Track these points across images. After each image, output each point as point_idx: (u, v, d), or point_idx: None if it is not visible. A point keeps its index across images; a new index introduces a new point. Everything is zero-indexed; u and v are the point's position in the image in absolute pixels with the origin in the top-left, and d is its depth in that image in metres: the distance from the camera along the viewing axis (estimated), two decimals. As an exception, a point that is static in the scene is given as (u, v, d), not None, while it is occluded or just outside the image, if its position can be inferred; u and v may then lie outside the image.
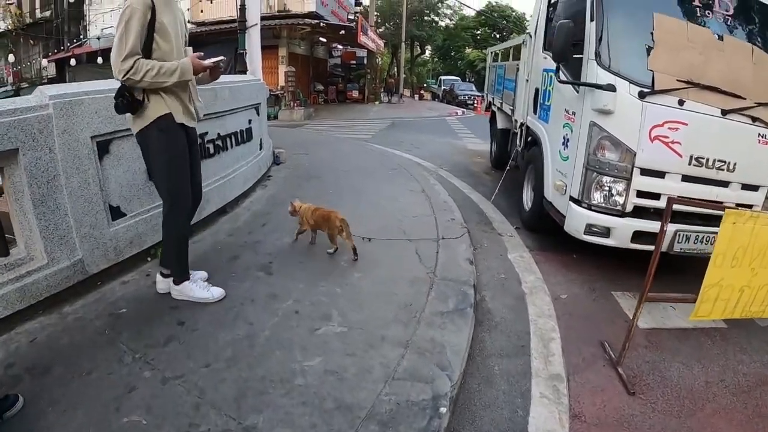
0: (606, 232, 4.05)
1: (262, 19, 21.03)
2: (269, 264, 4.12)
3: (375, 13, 34.65)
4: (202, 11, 23.70)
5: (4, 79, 31.64)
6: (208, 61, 3.17)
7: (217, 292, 3.40)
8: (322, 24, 22.49)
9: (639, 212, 4.00)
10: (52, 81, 27.68)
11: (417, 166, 8.96)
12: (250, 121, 6.47)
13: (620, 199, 3.98)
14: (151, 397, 2.45)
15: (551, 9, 5.44)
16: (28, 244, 3.18)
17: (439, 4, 44.08)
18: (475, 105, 28.55)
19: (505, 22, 44.57)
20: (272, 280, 3.84)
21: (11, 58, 25.35)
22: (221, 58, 3.32)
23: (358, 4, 35.82)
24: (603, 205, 4.04)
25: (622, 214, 3.99)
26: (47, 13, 29.41)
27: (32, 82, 28.83)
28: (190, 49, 3.37)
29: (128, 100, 2.93)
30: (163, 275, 3.48)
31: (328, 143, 11.69)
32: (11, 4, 29.03)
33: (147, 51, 2.88)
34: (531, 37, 6.09)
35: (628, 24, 4.09)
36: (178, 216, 3.26)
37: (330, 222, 4.24)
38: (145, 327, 3.08)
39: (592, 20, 4.08)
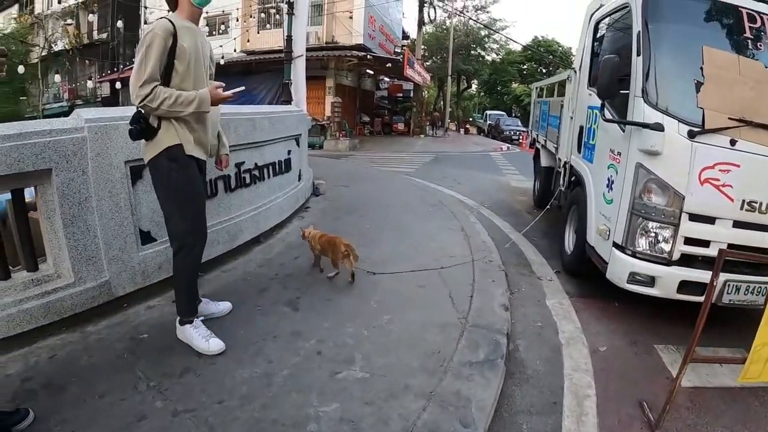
0: (650, 281, 3.78)
1: (310, 50, 21.62)
2: (297, 299, 4.02)
3: (422, 47, 34.94)
4: (248, 41, 24.31)
5: (60, 95, 33.22)
6: (229, 92, 3.13)
7: (215, 346, 3.16)
8: (368, 56, 22.82)
9: (686, 260, 3.71)
10: (105, 100, 29.03)
11: (458, 203, 8.77)
12: (289, 152, 6.47)
13: (667, 247, 3.71)
14: (160, 429, 2.40)
15: (596, 43, 5.26)
16: (56, 261, 3.28)
17: (486, 39, 44.12)
18: (521, 140, 28.32)
19: (551, 56, 44.37)
20: (298, 316, 3.73)
21: (57, 78, 26.42)
22: (241, 88, 3.27)
23: (405, 37, 36.36)
24: (648, 252, 3.77)
25: (668, 262, 3.72)
26: (104, 35, 30.79)
27: (86, 99, 30.52)
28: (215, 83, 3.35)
29: (142, 126, 2.91)
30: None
31: (370, 176, 11.63)
32: (70, 25, 30.42)
33: (167, 76, 2.88)
34: (576, 72, 5.90)
35: (677, 58, 3.88)
36: (188, 256, 3.15)
37: (335, 247, 4.36)
38: (164, 355, 3.08)
39: (638, 55, 3.87)
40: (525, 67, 49.37)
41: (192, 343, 3.17)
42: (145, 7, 27.23)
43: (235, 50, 22.32)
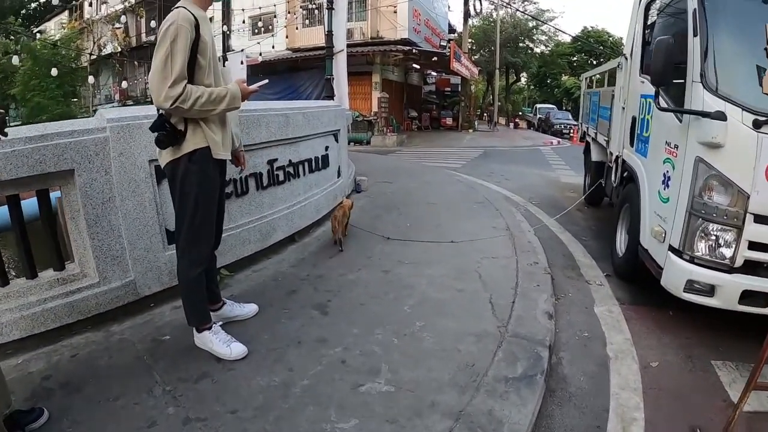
0: (710, 290, 3.39)
1: (355, 45, 21.69)
2: (327, 303, 3.84)
3: (469, 40, 34.39)
4: (287, 38, 24.37)
5: (111, 96, 34.45)
6: (255, 86, 2.94)
7: (237, 350, 3.00)
8: (414, 50, 22.64)
9: (750, 267, 3.31)
10: (154, 100, 30.02)
11: (504, 199, 8.43)
12: (327, 148, 6.30)
13: (728, 252, 3.31)
14: (169, 437, 2.28)
15: (648, 28, 4.84)
16: (81, 261, 3.30)
17: (534, 31, 43.12)
18: (571, 134, 27.54)
19: (601, 47, 43.08)
20: (326, 321, 3.55)
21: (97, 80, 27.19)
22: (265, 81, 3.07)
23: (451, 31, 35.90)
24: (708, 257, 3.39)
25: (730, 269, 3.32)
26: (152, 38, 31.55)
27: (137, 100, 31.48)
28: (227, 70, 3.17)
29: (169, 132, 2.69)
30: (210, 310, 3.29)
31: (415, 172, 11.36)
32: (119, 29, 31.28)
33: (190, 72, 2.63)
34: (626, 59, 5.47)
35: (738, 38, 3.47)
36: (192, 264, 2.94)
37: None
38: (182, 359, 3.00)
39: (695, 35, 3.47)
40: (575, 59, 48.11)
41: (212, 349, 3.02)
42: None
43: (273, 47, 22.35)
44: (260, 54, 19.86)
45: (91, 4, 32.63)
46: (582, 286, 4.70)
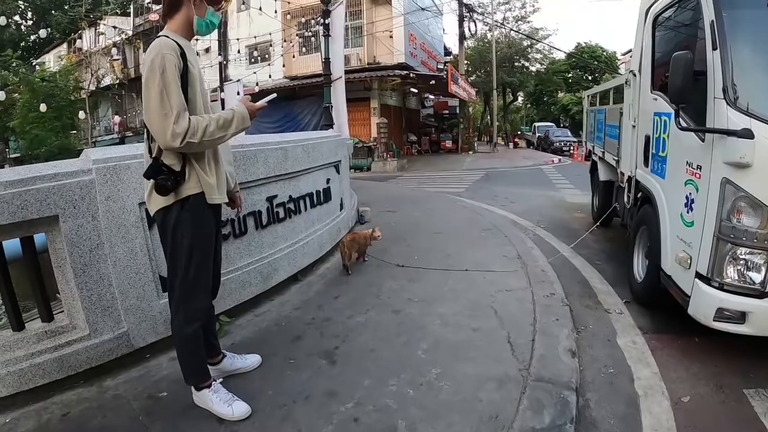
0: (741, 317, 3.17)
1: (353, 72, 21.67)
2: (335, 350, 3.60)
3: (465, 62, 34.48)
4: (284, 66, 24.40)
5: (111, 128, 34.74)
6: (261, 102, 2.70)
7: (239, 410, 2.75)
8: (411, 74, 22.63)
9: None
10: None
11: (512, 225, 8.19)
12: (328, 181, 6.11)
13: (759, 276, 3.09)
14: None
15: (657, 42, 4.60)
16: (70, 312, 3.11)
17: (529, 49, 43.31)
18: (572, 151, 27.42)
19: (596, 62, 43.26)
20: (334, 371, 3.30)
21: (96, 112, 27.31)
22: (273, 95, 2.86)
23: (447, 53, 36.05)
24: (738, 283, 3.16)
25: (761, 294, 3.10)
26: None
27: (136, 131, 31.82)
28: (216, 104, 2.97)
29: (168, 175, 2.45)
30: (210, 364, 3.07)
31: (418, 199, 11.13)
32: (116, 60, 31.43)
33: None
34: (635, 75, 5.25)
35: (760, 49, 3.28)
36: (188, 320, 2.68)
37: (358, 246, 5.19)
38: (180, 419, 2.77)
39: (714, 48, 3.25)
40: (570, 75, 48.32)
41: (213, 408, 2.78)
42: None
43: (269, 76, 22.39)
44: (257, 84, 19.87)
45: (80, 37, 32.70)
46: (602, 316, 4.45)
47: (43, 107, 17.72)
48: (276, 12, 23.07)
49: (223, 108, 12.75)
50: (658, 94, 4.33)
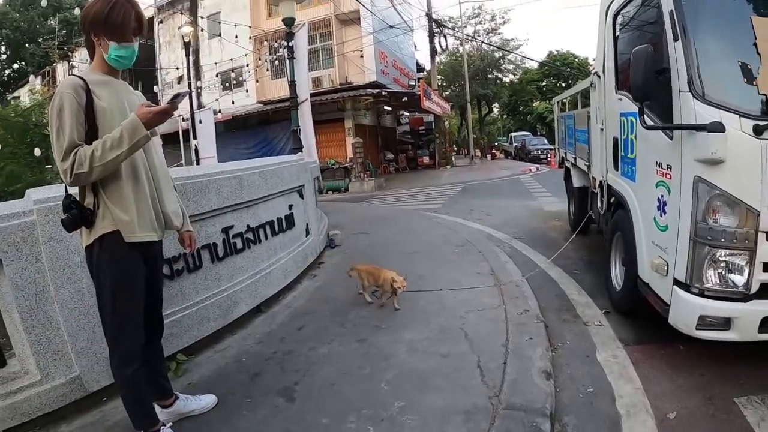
0: (725, 323, 3.00)
1: (325, 93, 21.65)
2: (294, 386, 3.35)
3: (438, 77, 34.59)
4: (257, 90, 24.29)
5: None
6: (161, 106, 2.44)
7: None
8: (383, 93, 22.61)
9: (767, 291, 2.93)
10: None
11: (487, 239, 7.98)
12: (291, 207, 5.89)
13: (742, 278, 2.92)
14: None
15: (619, 41, 4.48)
16: (21, 357, 3.03)
17: (501, 61, 43.61)
18: (549, 159, 27.53)
19: (569, 69, 43.75)
20: (292, 410, 3.06)
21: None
22: (185, 91, 2.61)
23: (420, 69, 36.19)
24: (720, 288, 2.98)
25: (745, 297, 2.93)
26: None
27: None
28: (157, 138, 2.74)
29: (76, 213, 2.34)
30: (162, 406, 2.90)
31: (393, 218, 10.88)
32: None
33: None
34: (599, 77, 5.13)
35: (723, 37, 3.14)
36: (123, 362, 2.53)
37: (384, 282, 4.61)
38: None
39: (675, 39, 3.11)
40: (544, 83, 48.82)
41: None
42: (161, 68, 27.80)
43: (233, 103, 22.35)
44: (219, 111, 19.77)
45: (48, 74, 32.36)
46: (580, 330, 4.24)
47: (37, 152, 17.47)
48: (249, 38, 23.22)
49: (194, 135, 12.71)
50: (623, 93, 4.19)
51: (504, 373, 3.28)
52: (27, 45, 43.49)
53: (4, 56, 46.34)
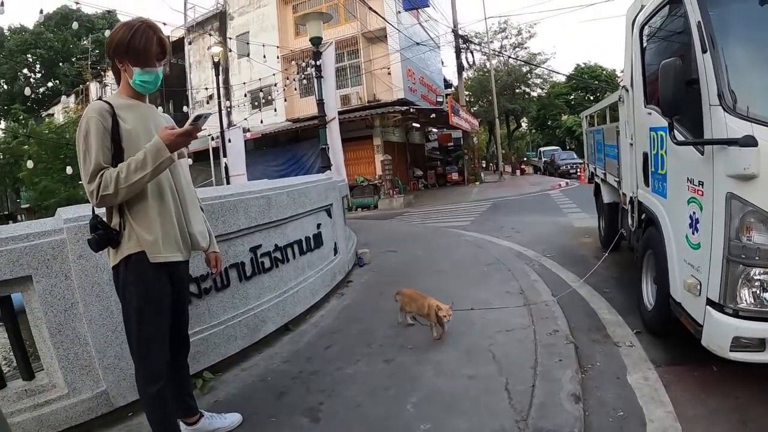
0: (760, 344, 2.88)
1: (353, 110, 21.82)
2: (319, 406, 3.34)
3: (466, 93, 34.57)
4: (285, 108, 24.57)
5: None
6: (184, 128, 2.41)
7: None
8: (412, 110, 22.68)
9: None
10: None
11: (516, 257, 7.88)
12: (319, 226, 5.93)
13: None
14: None
15: (647, 53, 4.39)
16: (49, 371, 3.11)
17: (528, 75, 43.47)
18: (579, 173, 27.18)
19: (596, 82, 43.36)
20: (316, 430, 3.09)
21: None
22: (205, 112, 2.59)
23: (448, 85, 36.23)
24: (754, 308, 2.88)
25: None
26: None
27: None
28: (184, 160, 2.78)
29: (102, 234, 2.40)
30: (187, 424, 2.94)
31: (422, 236, 10.85)
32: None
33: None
34: (627, 91, 5.05)
35: (754, 46, 3.07)
36: (148, 381, 2.56)
37: (429, 310, 4.32)
38: None
39: (704, 51, 3.02)
40: (572, 97, 48.54)
41: None
42: (191, 88, 28.31)
43: (262, 121, 22.63)
44: (248, 129, 19.98)
45: (81, 93, 33.14)
46: (610, 350, 4.14)
47: (69, 170, 18.04)
48: (277, 57, 23.51)
49: (224, 153, 12.92)
50: (652, 108, 4.09)
51: (532, 396, 3.21)
52: (61, 64, 44.85)
53: (39, 75, 47.85)
